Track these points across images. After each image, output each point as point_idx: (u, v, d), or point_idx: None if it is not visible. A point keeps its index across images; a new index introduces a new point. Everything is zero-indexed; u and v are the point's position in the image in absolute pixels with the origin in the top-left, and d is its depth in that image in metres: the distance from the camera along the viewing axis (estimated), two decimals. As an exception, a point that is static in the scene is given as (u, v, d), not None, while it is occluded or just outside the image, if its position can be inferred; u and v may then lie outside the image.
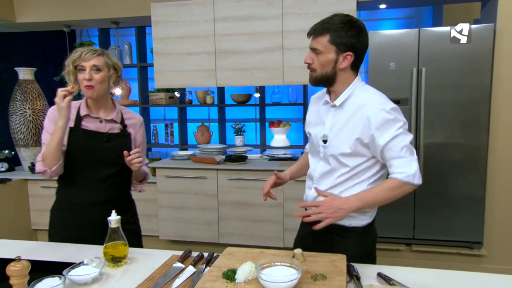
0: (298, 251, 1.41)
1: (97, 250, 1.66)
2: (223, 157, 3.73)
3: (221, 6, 3.57)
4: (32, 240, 3.32)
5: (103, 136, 1.87)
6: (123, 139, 1.93)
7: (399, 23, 4.28)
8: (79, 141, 1.84)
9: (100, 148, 1.85)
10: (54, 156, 1.75)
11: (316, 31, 1.55)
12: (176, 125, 4.48)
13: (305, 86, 4.11)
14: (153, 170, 3.83)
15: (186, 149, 4.43)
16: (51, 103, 1.95)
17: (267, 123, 4.30)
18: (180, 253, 1.68)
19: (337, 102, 1.60)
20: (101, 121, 1.89)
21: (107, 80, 1.85)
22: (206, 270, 1.48)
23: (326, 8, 3.32)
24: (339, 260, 1.42)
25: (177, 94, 4.33)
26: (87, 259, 1.47)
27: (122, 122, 1.95)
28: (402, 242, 3.42)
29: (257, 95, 4.18)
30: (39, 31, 4.39)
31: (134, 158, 1.81)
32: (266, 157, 3.91)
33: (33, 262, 1.27)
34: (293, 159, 3.77)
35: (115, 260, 1.54)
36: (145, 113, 4.55)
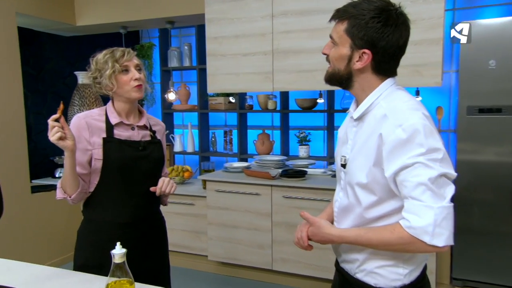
0: None
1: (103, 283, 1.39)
2: (279, 171, 3.27)
3: (280, 0, 3.12)
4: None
5: (138, 145, 1.71)
6: (156, 146, 1.78)
7: (504, 10, 3.45)
8: (115, 152, 1.66)
9: (137, 158, 1.69)
10: (71, 184, 1.60)
11: (336, 15, 1.24)
12: (235, 132, 4.12)
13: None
14: (204, 182, 3.50)
15: (245, 160, 4.04)
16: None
17: (335, 132, 3.75)
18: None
19: (355, 114, 1.27)
20: (133, 128, 1.73)
21: (145, 81, 1.74)
22: None
23: (405, -5, 2.71)
24: None
25: (232, 100, 3.96)
26: None
27: (151, 128, 1.80)
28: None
29: (321, 100, 3.66)
30: (102, 34, 4.32)
31: (167, 186, 1.68)
32: (331, 172, 3.37)
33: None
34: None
35: None
36: (203, 118, 4.25)
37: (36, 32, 3.90)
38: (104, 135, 1.66)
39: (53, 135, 1.46)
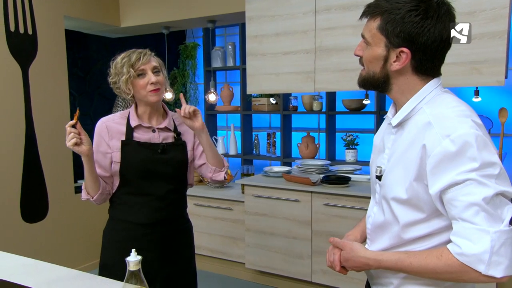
0: None
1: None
2: (321, 177, 3.07)
3: (323, -6, 2.93)
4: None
5: (157, 147, 1.68)
6: (179, 149, 1.73)
7: None
8: (133, 155, 1.67)
9: (156, 160, 1.68)
10: (91, 186, 1.64)
11: (367, 11, 1.08)
12: (278, 135, 3.96)
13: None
14: (243, 187, 3.38)
15: (289, 163, 3.86)
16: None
17: (385, 136, 3.47)
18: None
19: (394, 120, 1.12)
20: (153, 131, 1.71)
21: (164, 83, 1.70)
22: None
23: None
24: None
25: (272, 101, 3.80)
26: None
27: (175, 129, 1.76)
28: None
29: (367, 101, 3.40)
30: (146, 35, 4.34)
31: (187, 109, 1.62)
32: (378, 179, 3.11)
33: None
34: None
35: None
36: (247, 120, 4.13)
37: (83, 34, 3.99)
38: (124, 138, 1.68)
39: (69, 141, 1.50)
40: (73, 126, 1.52)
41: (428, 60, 1.05)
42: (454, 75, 2.43)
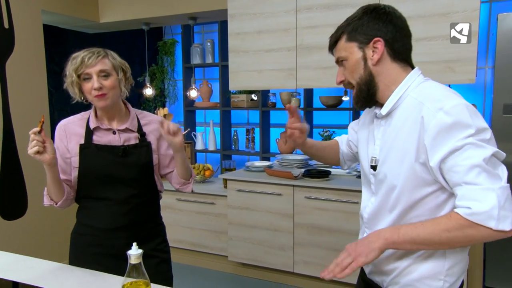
0: None
1: (120, 282, 1.37)
2: (302, 171, 3.17)
3: (305, -7, 3.02)
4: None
5: (118, 150, 1.59)
6: (142, 150, 1.64)
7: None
8: (92, 159, 1.58)
9: (117, 164, 1.59)
10: (55, 192, 1.56)
11: (331, 41, 1.25)
12: (257, 130, 4.04)
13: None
14: (225, 181, 3.44)
15: (268, 158, 3.96)
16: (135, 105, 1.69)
17: (361, 131, 3.62)
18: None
19: (384, 110, 1.18)
20: (114, 133, 1.62)
21: (118, 84, 1.57)
22: None
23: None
24: None
25: (254, 97, 3.88)
26: None
27: (140, 129, 1.66)
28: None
29: (346, 98, 3.54)
30: (125, 31, 4.31)
31: (171, 127, 1.53)
32: (356, 173, 3.25)
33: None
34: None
35: None
36: (225, 116, 4.19)
37: (60, 29, 3.92)
38: (82, 141, 1.60)
39: (31, 148, 1.43)
40: (39, 132, 1.44)
41: (399, 41, 1.16)
42: (430, 73, 2.53)
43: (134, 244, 1.22)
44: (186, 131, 1.65)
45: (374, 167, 1.22)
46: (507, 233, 0.98)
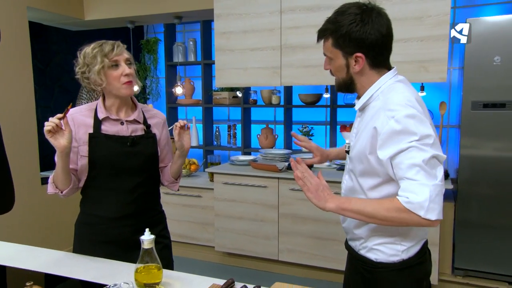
0: None
1: (129, 268, 1.46)
2: (286, 164, 3.35)
3: (288, -4, 3.20)
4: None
5: (126, 140, 1.65)
6: (148, 141, 1.71)
7: (507, 7, 3.56)
8: (101, 148, 1.63)
9: (125, 153, 1.64)
10: (62, 181, 1.59)
11: (320, 35, 1.38)
12: (238, 127, 4.19)
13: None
14: (211, 175, 3.57)
15: (249, 153, 4.11)
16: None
17: (338, 127, 3.83)
18: (222, 282, 1.37)
19: (357, 105, 1.42)
20: (122, 123, 1.68)
21: (135, 76, 1.67)
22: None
23: (411, -7, 2.80)
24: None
25: (239, 94, 4.02)
26: (118, 282, 1.28)
27: (145, 122, 1.74)
28: (506, 280, 2.80)
29: (327, 95, 3.74)
30: (108, 29, 4.35)
31: (183, 124, 1.66)
32: (336, 165, 3.46)
33: (56, 278, 1.27)
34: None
35: (148, 286, 1.31)
36: (208, 113, 4.31)
37: (44, 26, 3.92)
38: (91, 131, 1.63)
39: (45, 127, 1.47)
40: (61, 119, 1.47)
41: (379, 54, 1.31)
42: (404, 72, 2.75)
43: (147, 230, 1.30)
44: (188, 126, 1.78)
45: (348, 151, 1.45)
46: (433, 222, 1.18)
